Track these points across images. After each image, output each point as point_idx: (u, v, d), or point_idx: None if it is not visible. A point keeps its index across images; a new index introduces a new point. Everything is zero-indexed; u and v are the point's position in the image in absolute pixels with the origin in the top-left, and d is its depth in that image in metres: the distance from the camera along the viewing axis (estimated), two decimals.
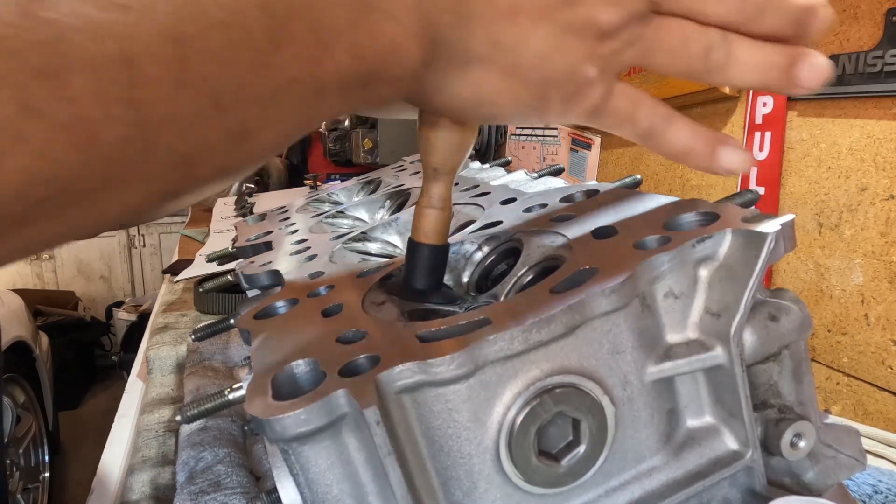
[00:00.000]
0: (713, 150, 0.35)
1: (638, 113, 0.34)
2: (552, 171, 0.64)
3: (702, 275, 0.33)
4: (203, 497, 0.65)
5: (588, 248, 0.36)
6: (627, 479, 0.32)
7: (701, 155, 0.35)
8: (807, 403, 0.34)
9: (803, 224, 1.14)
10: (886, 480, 0.65)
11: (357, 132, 2.40)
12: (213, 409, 0.39)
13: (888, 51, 0.99)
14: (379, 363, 0.28)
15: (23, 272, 4.84)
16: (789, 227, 0.31)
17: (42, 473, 2.77)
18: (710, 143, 0.35)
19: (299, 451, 0.28)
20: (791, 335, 0.33)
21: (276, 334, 0.36)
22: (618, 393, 0.31)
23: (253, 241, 0.64)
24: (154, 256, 5.15)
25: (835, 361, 1.11)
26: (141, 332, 1.47)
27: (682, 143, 0.35)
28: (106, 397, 4.10)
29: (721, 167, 0.35)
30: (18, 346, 2.64)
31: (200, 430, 0.78)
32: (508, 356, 0.28)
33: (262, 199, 2.20)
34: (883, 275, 1.03)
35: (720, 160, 0.35)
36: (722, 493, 0.34)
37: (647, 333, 0.32)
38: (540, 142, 2.04)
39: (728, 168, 0.35)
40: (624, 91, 0.34)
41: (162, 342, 1.13)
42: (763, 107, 1.21)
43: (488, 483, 0.29)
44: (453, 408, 0.28)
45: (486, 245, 0.46)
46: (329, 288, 0.42)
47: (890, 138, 1.01)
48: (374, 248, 0.58)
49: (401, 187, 0.72)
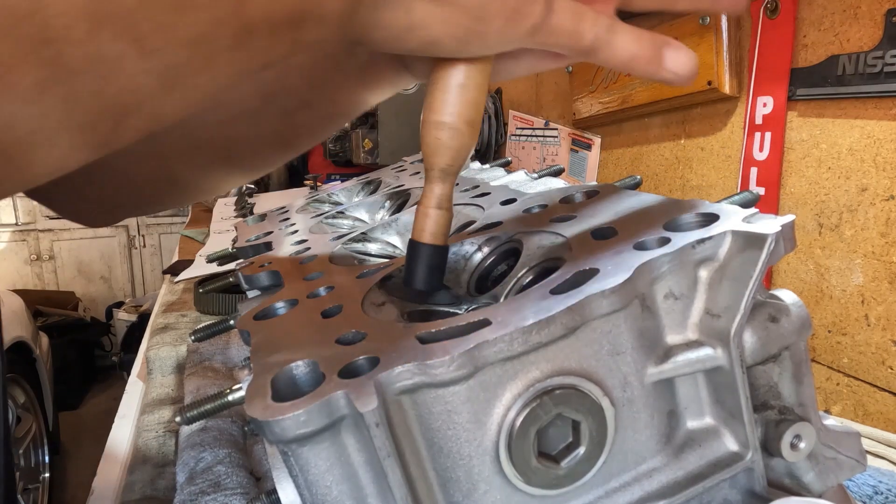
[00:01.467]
0: (658, 53, 0.34)
1: (581, 26, 0.33)
2: (552, 171, 0.64)
3: (702, 276, 0.33)
4: (203, 497, 0.65)
5: (588, 248, 0.36)
6: (627, 481, 0.32)
7: (646, 59, 0.34)
8: (807, 404, 0.34)
9: (803, 224, 1.14)
10: (887, 481, 0.65)
11: (357, 132, 2.40)
12: (213, 410, 0.38)
13: (888, 51, 0.99)
14: (378, 364, 0.28)
15: (23, 272, 4.84)
16: (789, 228, 0.31)
17: (42, 474, 2.77)
18: (655, 47, 0.34)
19: (299, 452, 0.28)
20: (791, 336, 0.33)
21: (275, 335, 0.36)
22: (618, 394, 0.31)
23: (253, 242, 0.64)
24: (154, 257, 5.15)
25: (835, 362, 1.11)
26: (141, 333, 1.47)
27: (627, 51, 0.34)
28: (106, 397, 4.10)
29: (667, 70, 0.34)
30: (18, 346, 2.65)
31: (200, 431, 0.78)
32: (508, 357, 0.28)
33: (262, 199, 2.20)
34: (883, 275, 1.03)
35: (665, 63, 0.34)
36: (722, 495, 0.34)
37: (647, 334, 0.32)
38: (540, 142, 2.04)
39: (674, 70, 0.34)
40: (565, 5, 0.33)
41: (162, 342, 1.13)
42: (763, 107, 1.21)
43: (488, 484, 0.29)
44: (453, 409, 0.28)
45: (486, 246, 0.46)
46: (329, 289, 0.42)
47: (890, 139, 1.01)
48: (373, 249, 0.58)
49: (401, 188, 0.72)
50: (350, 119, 0.49)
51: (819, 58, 1.09)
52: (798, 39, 1.12)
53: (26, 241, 4.84)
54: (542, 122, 2.01)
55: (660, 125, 1.47)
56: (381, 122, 2.34)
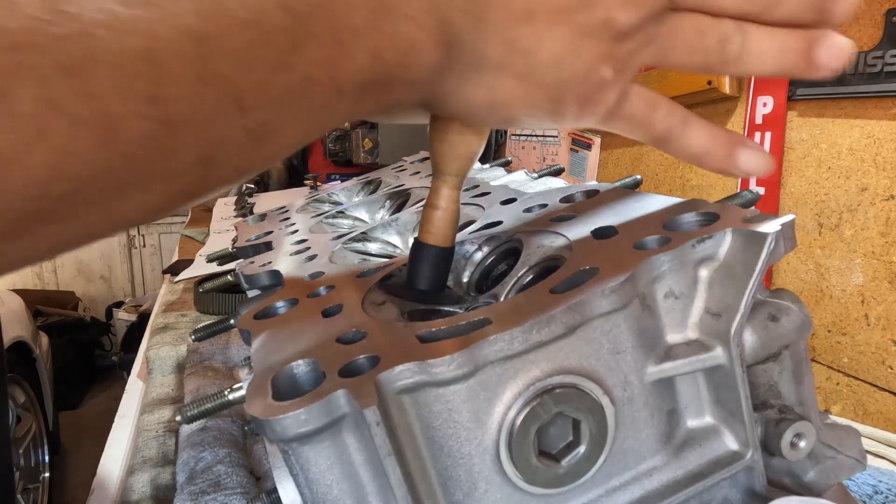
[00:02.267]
0: (731, 152, 0.34)
1: (654, 116, 0.34)
2: (552, 171, 0.64)
3: (702, 275, 0.33)
4: (203, 497, 0.65)
5: (588, 248, 0.36)
6: (627, 480, 0.32)
7: (719, 157, 0.34)
8: (807, 404, 0.34)
9: (803, 224, 1.14)
10: (887, 481, 0.65)
11: (357, 132, 2.40)
12: (213, 409, 0.38)
13: (888, 51, 0.99)
14: (379, 363, 0.28)
15: (23, 272, 4.83)
16: (789, 228, 0.31)
17: (42, 473, 2.77)
18: (728, 146, 0.34)
19: (299, 451, 0.28)
20: (791, 335, 0.33)
21: (276, 334, 0.36)
22: (618, 393, 0.31)
23: (253, 242, 0.64)
24: (154, 256, 5.15)
25: (835, 361, 1.11)
26: (141, 333, 1.47)
27: (699, 146, 0.34)
28: (106, 397, 4.10)
29: (740, 169, 0.34)
30: (18, 346, 2.64)
31: (200, 431, 0.78)
32: (508, 356, 0.28)
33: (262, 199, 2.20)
34: (883, 275, 1.03)
35: (738, 162, 0.34)
36: (722, 494, 0.34)
37: (647, 333, 0.32)
38: (540, 142, 2.04)
39: (746, 170, 0.34)
40: (640, 93, 0.34)
41: (162, 342, 1.13)
42: (763, 107, 1.21)
43: (488, 483, 0.29)
44: (453, 408, 0.28)
45: (486, 245, 0.46)
46: (329, 288, 0.42)
47: (890, 138, 1.01)
48: (374, 249, 0.58)
49: (401, 187, 0.72)
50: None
51: None
52: None
53: None
54: None
55: None
56: (381, 123, 2.34)
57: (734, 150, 0.34)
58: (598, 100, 0.33)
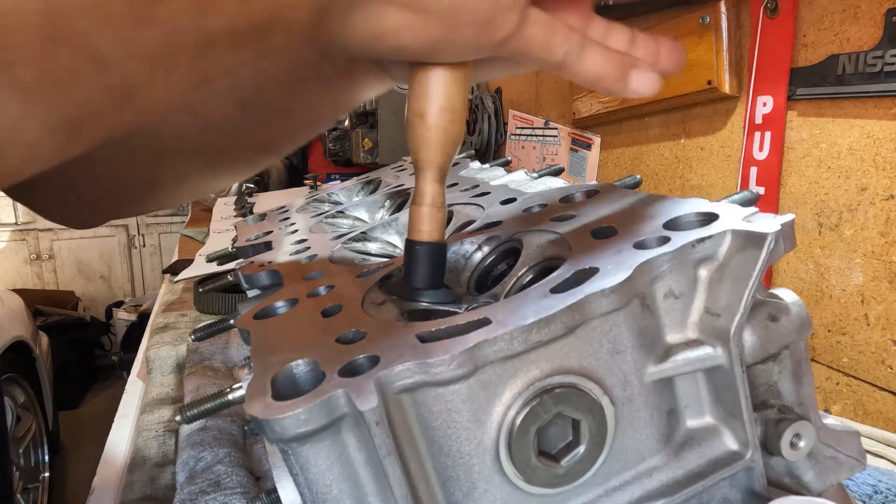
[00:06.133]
0: (624, 74, 0.35)
1: (553, 40, 0.33)
2: (552, 171, 0.64)
3: (702, 275, 0.33)
4: (203, 497, 0.65)
5: (588, 247, 0.36)
6: (627, 480, 0.32)
7: (612, 79, 0.35)
8: (807, 403, 0.34)
9: (803, 224, 1.14)
10: (886, 480, 0.65)
11: (357, 132, 2.40)
12: (213, 409, 0.39)
13: (888, 51, 0.99)
14: (379, 363, 0.28)
15: (23, 272, 4.84)
16: (789, 227, 0.31)
17: (42, 473, 2.77)
18: (622, 68, 0.35)
19: (299, 451, 0.28)
20: (791, 335, 0.33)
21: (275, 334, 0.36)
22: (617, 393, 0.31)
23: (253, 241, 0.64)
24: (154, 256, 5.15)
25: (835, 361, 1.11)
26: (141, 332, 1.47)
27: (595, 70, 0.34)
28: (106, 397, 4.10)
29: (631, 90, 0.35)
30: (18, 345, 2.64)
31: (200, 430, 0.78)
32: (508, 356, 0.28)
33: (262, 198, 2.20)
34: (883, 275, 1.03)
35: (631, 84, 0.35)
36: (722, 494, 0.34)
37: (646, 333, 0.32)
38: (540, 142, 2.04)
39: (637, 91, 0.35)
40: (539, 16, 0.33)
41: (162, 342, 1.13)
42: (763, 107, 1.21)
43: (488, 483, 0.29)
44: (453, 408, 0.28)
45: (485, 245, 0.46)
46: (329, 288, 0.42)
47: (890, 138, 1.01)
48: (373, 248, 0.58)
49: (401, 187, 0.72)
50: (332, 122, 0.48)
51: (819, 57, 1.09)
52: (798, 39, 1.12)
53: (26, 240, 4.83)
54: (542, 122, 2.01)
55: (660, 125, 1.47)
56: (380, 122, 2.34)
57: (627, 73, 0.35)
58: (500, 22, 0.31)
